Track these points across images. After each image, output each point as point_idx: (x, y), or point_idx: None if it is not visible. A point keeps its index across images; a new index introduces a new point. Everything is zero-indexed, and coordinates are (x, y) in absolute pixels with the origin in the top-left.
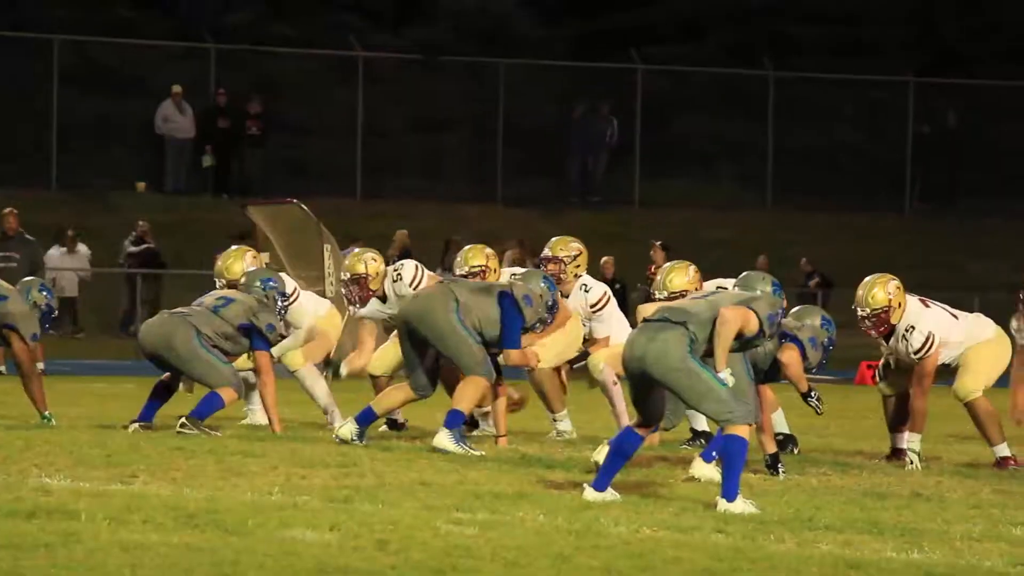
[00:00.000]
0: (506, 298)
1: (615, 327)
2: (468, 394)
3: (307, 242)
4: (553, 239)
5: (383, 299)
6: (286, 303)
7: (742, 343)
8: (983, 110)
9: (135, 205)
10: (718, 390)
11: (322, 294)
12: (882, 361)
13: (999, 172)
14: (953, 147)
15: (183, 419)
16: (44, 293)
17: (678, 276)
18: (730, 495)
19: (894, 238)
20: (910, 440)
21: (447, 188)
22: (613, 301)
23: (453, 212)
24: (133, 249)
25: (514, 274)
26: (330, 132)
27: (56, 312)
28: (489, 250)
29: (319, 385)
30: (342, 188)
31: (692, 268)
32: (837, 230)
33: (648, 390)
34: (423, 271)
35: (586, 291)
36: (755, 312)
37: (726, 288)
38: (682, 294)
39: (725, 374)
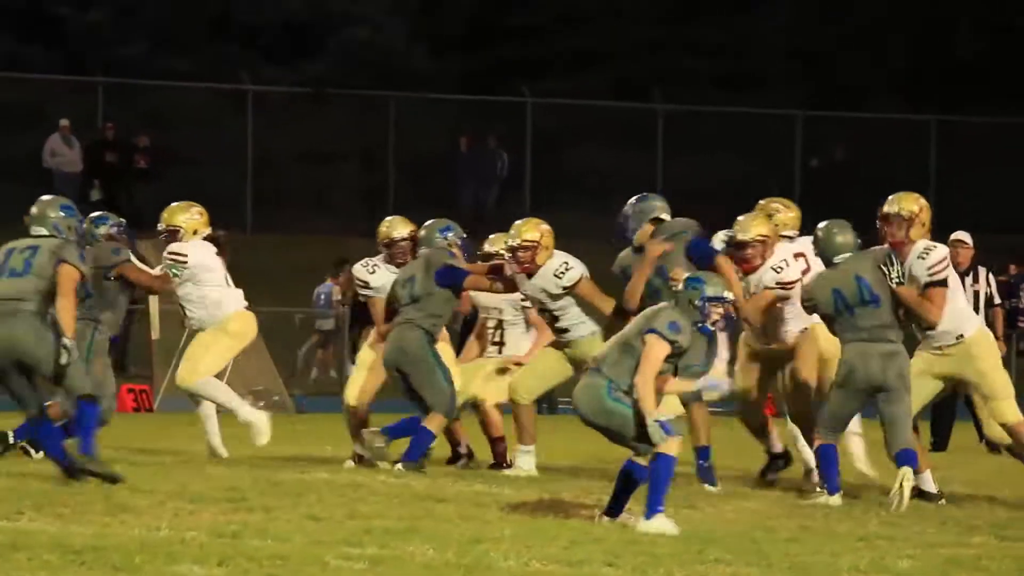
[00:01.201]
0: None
1: None
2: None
3: None
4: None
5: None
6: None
7: (676, 366)
8: (871, 143)
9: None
10: (632, 424)
11: None
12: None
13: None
14: (841, 180)
15: (398, 464)
16: (63, 214)
17: (761, 224)
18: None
19: None
20: None
21: (337, 221)
22: None
23: (343, 245)
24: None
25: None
26: (220, 166)
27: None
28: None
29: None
30: (232, 221)
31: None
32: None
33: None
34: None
35: None
36: (656, 333)
37: None
38: (763, 240)
39: (652, 422)
